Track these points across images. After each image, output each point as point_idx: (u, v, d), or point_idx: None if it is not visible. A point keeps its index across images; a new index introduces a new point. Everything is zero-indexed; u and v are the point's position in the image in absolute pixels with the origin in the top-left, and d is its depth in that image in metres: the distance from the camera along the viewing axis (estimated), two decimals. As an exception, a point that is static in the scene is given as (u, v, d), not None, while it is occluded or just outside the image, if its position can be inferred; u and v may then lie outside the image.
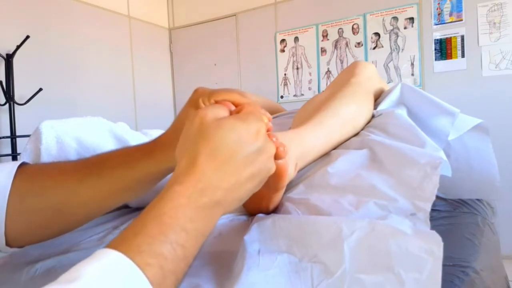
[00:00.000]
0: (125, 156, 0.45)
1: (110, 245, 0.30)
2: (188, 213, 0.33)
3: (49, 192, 0.43)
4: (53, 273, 0.51)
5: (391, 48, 2.46)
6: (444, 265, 0.35)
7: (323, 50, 2.69)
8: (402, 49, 2.43)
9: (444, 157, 0.55)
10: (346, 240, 0.39)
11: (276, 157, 0.41)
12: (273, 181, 0.43)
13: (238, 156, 0.35)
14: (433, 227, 0.41)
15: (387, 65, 2.48)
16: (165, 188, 0.34)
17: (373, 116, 0.77)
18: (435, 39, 2.33)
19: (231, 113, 0.40)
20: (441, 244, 0.36)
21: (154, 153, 0.45)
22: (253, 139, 0.37)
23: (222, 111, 0.38)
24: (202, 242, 0.34)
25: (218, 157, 0.35)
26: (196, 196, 0.33)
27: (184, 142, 0.37)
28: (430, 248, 0.36)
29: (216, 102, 0.43)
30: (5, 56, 2.03)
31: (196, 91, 0.45)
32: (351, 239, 0.39)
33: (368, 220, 0.41)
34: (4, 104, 2.02)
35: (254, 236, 0.45)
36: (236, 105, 0.43)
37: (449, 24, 2.29)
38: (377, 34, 2.50)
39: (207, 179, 0.34)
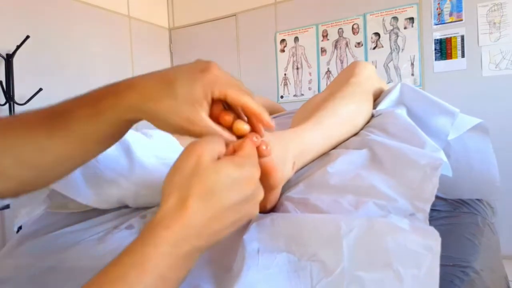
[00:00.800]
0: (90, 107, 0.41)
1: None
2: (169, 262, 0.32)
3: (19, 150, 0.42)
4: (53, 272, 0.51)
5: (391, 48, 2.46)
6: (444, 265, 0.35)
7: (323, 50, 2.69)
8: (402, 49, 2.43)
9: (444, 158, 0.55)
10: (345, 238, 0.39)
11: (260, 155, 0.41)
12: (263, 181, 0.42)
13: (228, 203, 0.34)
14: (433, 227, 0.41)
15: (387, 65, 2.48)
16: (149, 227, 0.33)
17: (372, 116, 0.77)
18: (435, 39, 2.33)
19: (227, 147, 0.38)
20: (439, 239, 0.36)
21: (121, 97, 0.40)
22: (246, 188, 0.35)
23: (218, 147, 0.37)
24: None
25: (209, 203, 0.33)
26: (180, 243, 0.32)
27: (175, 177, 0.34)
28: (428, 244, 0.36)
29: (227, 103, 0.41)
30: (5, 56, 2.03)
31: (210, 71, 0.40)
32: (349, 237, 0.39)
33: (367, 217, 0.41)
34: (4, 104, 2.02)
35: (253, 235, 0.45)
36: (246, 113, 0.41)
37: (449, 24, 2.29)
38: (377, 34, 2.50)
39: (194, 225, 0.33)
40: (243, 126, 0.41)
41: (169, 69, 0.41)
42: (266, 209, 0.53)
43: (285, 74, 2.82)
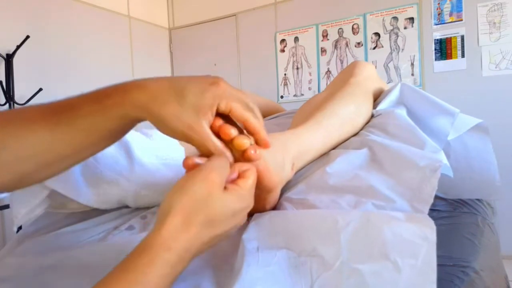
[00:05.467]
0: (97, 103, 0.41)
1: None
2: (169, 280, 0.34)
3: (19, 144, 0.41)
4: (54, 271, 0.51)
5: (391, 48, 2.46)
6: (444, 265, 0.35)
7: (323, 50, 2.69)
8: (402, 49, 2.43)
9: (445, 159, 0.55)
10: (342, 232, 0.39)
11: (250, 160, 0.43)
12: (258, 183, 0.44)
13: (225, 230, 0.38)
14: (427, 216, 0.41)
15: (387, 65, 2.48)
16: (151, 244, 0.34)
17: (372, 116, 0.77)
18: (435, 39, 2.33)
19: (231, 169, 0.41)
20: (434, 227, 0.37)
21: (129, 95, 0.40)
22: (242, 217, 0.40)
23: (226, 172, 0.40)
24: None
25: (209, 230, 0.36)
26: (178, 265, 0.35)
27: (184, 198, 0.36)
28: (424, 233, 0.37)
29: (231, 113, 0.42)
30: (5, 56, 2.03)
31: (219, 85, 0.41)
32: (347, 231, 0.39)
33: (363, 211, 0.41)
34: (4, 104, 2.02)
35: (252, 234, 0.45)
36: (246, 128, 0.44)
37: (449, 24, 2.29)
38: (377, 34, 2.50)
39: (192, 248, 0.35)
40: (243, 141, 0.43)
41: (180, 76, 0.43)
42: (265, 210, 0.53)
43: (285, 74, 2.83)
